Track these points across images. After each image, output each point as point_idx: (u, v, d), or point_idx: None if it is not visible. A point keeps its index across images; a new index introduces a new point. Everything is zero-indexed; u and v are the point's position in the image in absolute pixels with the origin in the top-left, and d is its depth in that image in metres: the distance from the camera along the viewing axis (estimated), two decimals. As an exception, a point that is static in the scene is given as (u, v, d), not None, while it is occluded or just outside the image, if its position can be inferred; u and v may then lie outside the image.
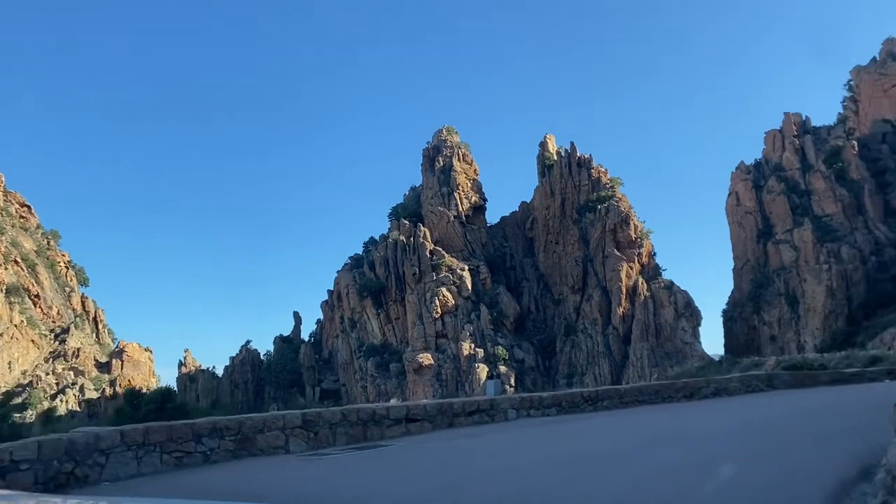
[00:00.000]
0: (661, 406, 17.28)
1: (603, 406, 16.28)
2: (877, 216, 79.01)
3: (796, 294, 77.69)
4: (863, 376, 21.22)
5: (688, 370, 74.59)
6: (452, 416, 12.68)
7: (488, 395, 15.04)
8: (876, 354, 55.14)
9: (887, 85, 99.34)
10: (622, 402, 16.79)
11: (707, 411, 15.98)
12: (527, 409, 14.27)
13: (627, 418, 14.54)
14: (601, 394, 16.39)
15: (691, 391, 18.39)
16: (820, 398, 17.40)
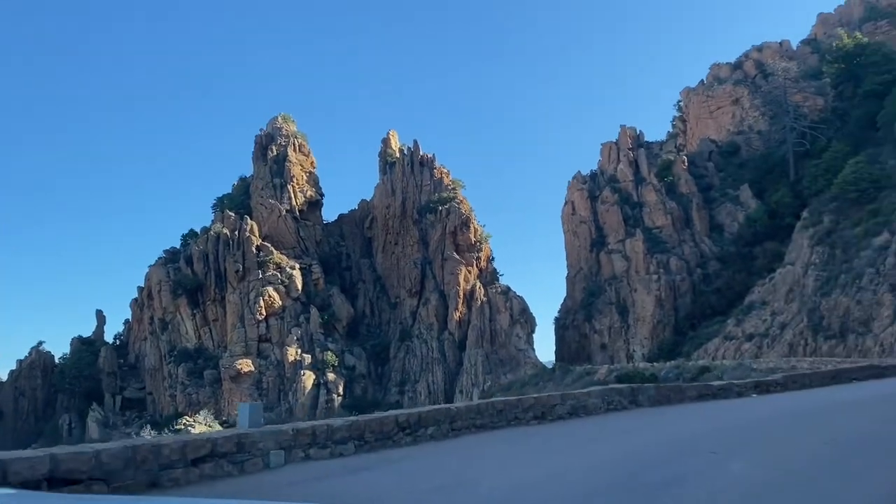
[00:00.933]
0: (507, 432, 12.61)
1: (426, 435, 11.31)
2: (703, 230, 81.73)
3: (627, 303, 78.44)
4: (730, 391, 17.85)
5: (521, 378, 72.82)
6: (157, 471, 7.10)
7: (240, 426, 9.27)
8: (705, 364, 55.43)
9: (713, 107, 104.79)
10: (453, 429, 11.91)
11: (568, 444, 11.43)
12: (304, 447, 8.94)
13: (460, 461, 9.62)
14: (425, 418, 11.40)
15: (543, 410, 13.88)
16: (700, 425, 13.50)
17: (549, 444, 11.41)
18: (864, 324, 53.14)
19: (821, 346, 55.13)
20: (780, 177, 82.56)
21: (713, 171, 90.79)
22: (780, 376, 20.52)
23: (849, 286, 56.01)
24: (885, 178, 63.40)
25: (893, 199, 59.68)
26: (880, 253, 55.72)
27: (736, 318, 66.71)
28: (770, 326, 62.08)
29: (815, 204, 69.34)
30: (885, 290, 52.62)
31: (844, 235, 62.13)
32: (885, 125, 70.17)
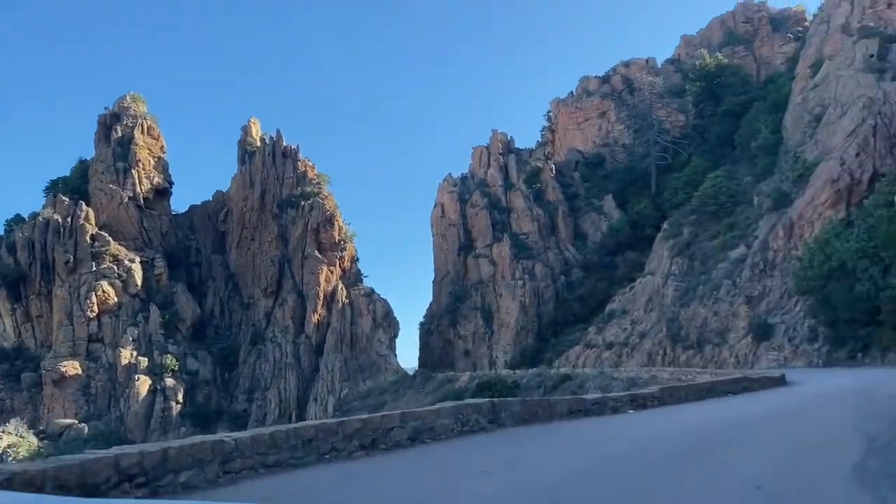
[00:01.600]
0: (311, 473, 8.70)
1: (176, 485, 7.22)
2: (567, 238, 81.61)
3: (492, 309, 76.73)
4: (605, 406, 14.94)
5: (380, 385, 69.00)
6: None
7: None
8: (567, 372, 54.02)
9: (581, 118, 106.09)
10: (227, 472, 7.88)
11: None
12: None
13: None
14: (175, 457, 7.31)
15: (373, 437, 10.09)
16: (579, 460, 10.21)
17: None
18: (720, 335, 53.72)
19: (679, 355, 55.31)
20: (642, 189, 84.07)
21: (579, 180, 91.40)
22: (658, 389, 17.89)
23: (706, 297, 56.66)
24: (741, 194, 65.27)
25: (749, 213, 61.31)
26: (737, 265, 56.79)
27: (597, 326, 66.42)
28: (630, 335, 62.02)
29: (676, 216, 70.59)
30: (741, 301, 53.45)
31: (703, 247, 63.25)
32: (742, 143, 72.70)
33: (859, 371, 36.67)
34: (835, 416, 14.57)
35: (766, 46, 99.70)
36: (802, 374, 33.65)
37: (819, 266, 45.49)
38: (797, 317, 49.35)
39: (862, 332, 42.94)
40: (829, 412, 15.54)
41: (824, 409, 16.21)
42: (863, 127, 51.65)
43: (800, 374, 34.83)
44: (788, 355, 47.58)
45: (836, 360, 44.79)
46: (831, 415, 14.98)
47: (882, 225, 42.10)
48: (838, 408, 16.30)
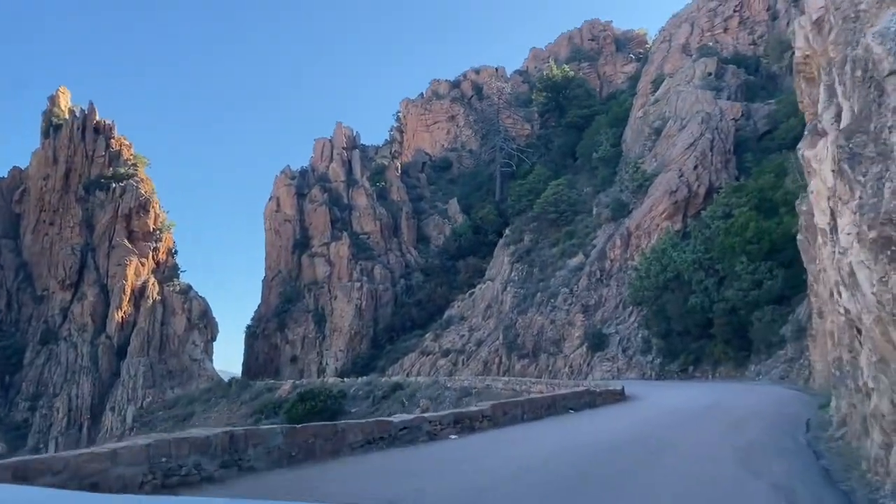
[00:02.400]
0: None
1: None
2: (410, 240, 78.15)
3: (325, 312, 71.42)
4: (419, 430, 11.01)
5: (190, 393, 61.51)
6: None
7: None
8: (398, 381, 49.98)
9: (430, 121, 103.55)
10: None
11: None
12: None
13: None
14: None
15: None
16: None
17: None
18: (556, 343, 52.10)
19: (514, 364, 53.12)
20: (487, 194, 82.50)
21: (425, 182, 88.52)
22: (489, 407, 13.98)
23: (544, 305, 55.01)
24: (581, 203, 64.78)
25: (588, 223, 60.71)
26: (575, 274, 55.67)
27: (434, 332, 63.23)
28: (467, 342, 59.29)
29: (518, 222, 69.18)
30: (578, 310, 52.18)
31: (543, 255, 61.94)
32: (584, 155, 72.73)
33: (694, 385, 35.55)
34: (707, 445, 11.29)
35: (610, 65, 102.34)
36: (639, 387, 31.70)
37: (655, 276, 44.74)
38: (631, 327, 48.60)
39: (694, 344, 42.47)
40: (697, 438, 12.31)
41: (688, 434, 12.98)
42: (701, 140, 52.21)
43: (636, 386, 32.95)
44: (622, 366, 46.54)
45: (668, 373, 44.14)
46: (702, 442, 11.73)
47: (718, 237, 41.86)
48: (704, 432, 13.18)
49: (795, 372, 31.90)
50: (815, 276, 22.16)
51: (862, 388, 9.14)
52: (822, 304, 22.07)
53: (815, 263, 22.02)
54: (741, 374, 38.95)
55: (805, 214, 21.88)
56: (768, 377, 34.86)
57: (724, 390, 26.32)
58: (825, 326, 24.25)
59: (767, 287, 37.50)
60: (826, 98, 13.22)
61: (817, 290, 22.77)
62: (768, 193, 41.40)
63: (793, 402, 19.58)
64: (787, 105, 54.20)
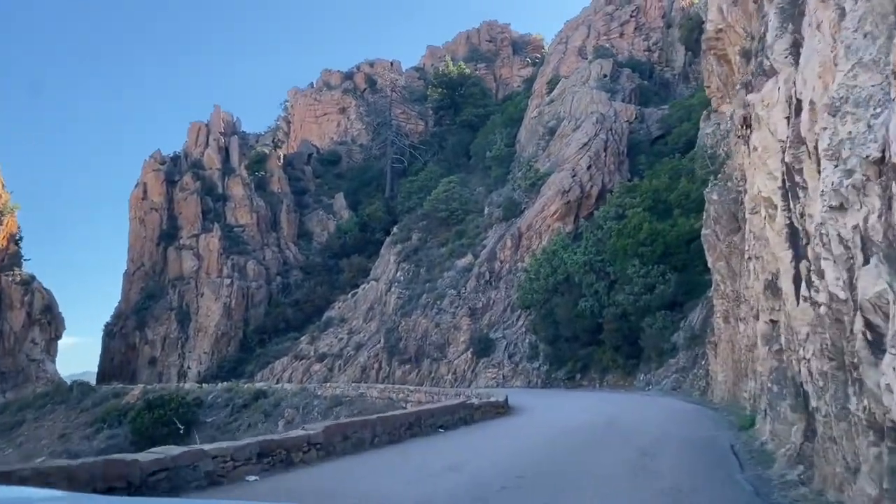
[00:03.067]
0: None
1: None
2: (290, 235, 72.86)
3: (190, 310, 64.93)
4: (194, 472, 5.79)
5: (23, 398, 53.66)
6: None
7: None
8: (262, 388, 44.90)
9: (319, 112, 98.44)
10: None
11: None
12: None
13: None
14: None
15: None
16: None
17: None
18: (439, 348, 48.64)
19: (395, 370, 49.22)
20: (376, 191, 78.47)
21: (310, 175, 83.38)
22: (320, 430, 10.05)
23: (429, 307, 51.47)
24: (473, 203, 61.89)
25: (479, 223, 57.85)
26: (463, 275, 52.49)
27: (311, 335, 58.38)
28: (345, 346, 54.87)
29: (406, 220, 65.52)
30: (464, 313, 48.94)
31: (431, 254, 58.51)
32: (477, 154, 70.08)
33: (582, 394, 32.90)
34: (617, 496, 7.78)
35: (507, 67, 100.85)
36: (524, 397, 28.60)
37: (544, 279, 42.14)
38: (519, 333, 45.86)
39: (583, 351, 40.07)
40: (599, 479, 8.80)
41: (587, 471, 9.47)
42: (595, 141, 50.37)
43: (521, 396, 29.85)
44: (508, 374, 43.63)
45: (555, 381, 41.59)
46: (608, 487, 8.22)
47: (610, 238, 39.70)
48: (606, 467, 9.72)
49: (689, 382, 29.73)
50: (726, 275, 19.56)
51: (859, 410, 5.88)
52: (732, 306, 19.50)
53: (725, 260, 19.42)
54: (630, 384, 36.79)
55: (717, 203, 19.23)
56: (659, 387, 32.67)
57: (617, 402, 23.53)
58: (730, 333, 21.82)
59: (660, 292, 35.49)
60: (778, 25, 10.25)
61: (725, 292, 20.21)
62: (662, 195, 39.67)
63: (700, 420, 16.71)
64: (681, 110, 53.50)
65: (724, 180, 18.99)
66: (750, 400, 16.46)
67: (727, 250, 18.85)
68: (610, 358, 37.88)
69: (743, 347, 18.02)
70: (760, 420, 12.34)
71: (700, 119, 45.63)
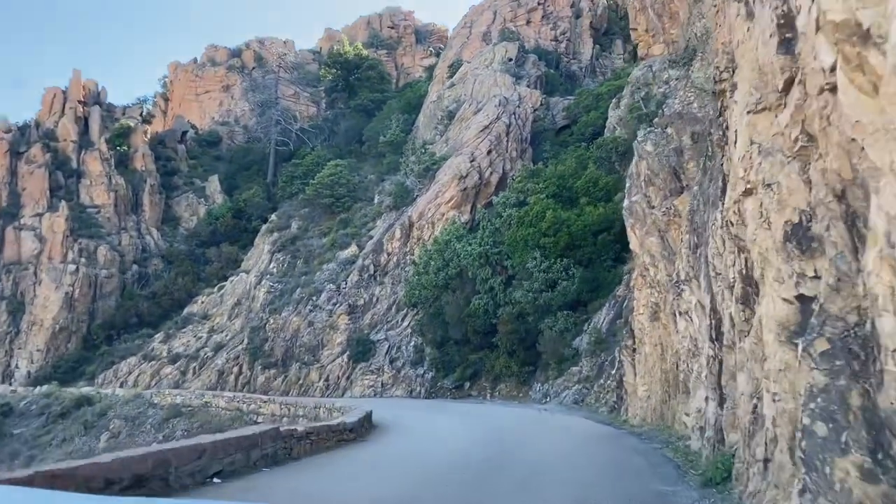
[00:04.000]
0: None
1: None
2: (153, 219, 64.38)
3: (25, 299, 55.56)
4: None
5: None
6: None
7: None
8: (87, 394, 37.32)
9: (201, 89, 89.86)
10: None
11: None
12: None
13: None
14: None
15: None
16: None
17: None
18: (311, 351, 42.37)
19: (258, 375, 42.48)
20: (257, 175, 71.05)
21: (183, 155, 74.89)
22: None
23: (303, 303, 45.12)
24: (362, 190, 55.97)
25: (368, 211, 52.04)
26: (345, 268, 46.49)
27: (167, 332, 50.61)
28: (203, 346, 47.59)
29: (286, 207, 58.77)
30: (343, 311, 42.93)
31: (310, 244, 52.10)
32: (371, 140, 64.23)
33: (469, 408, 27.65)
34: None
35: (409, 56, 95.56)
36: (400, 410, 23.14)
37: (434, 273, 36.95)
38: (403, 334, 40.29)
39: (474, 356, 34.98)
40: None
41: None
42: (497, 124, 45.64)
43: (397, 409, 24.37)
44: (388, 381, 37.97)
45: (440, 390, 36.27)
46: None
47: (509, 228, 34.91)
48: None
49: (594, 396, 25.04)
50: (659, 256, 14.63)
51: None
52: (666, 297, 14.60)
53: (659, 235, 14.49)
54: (525, 395, 31.97)
55: (651, 157, 14.28)
56: (558, 400, 27.90)
57: (510, 421, 18.35)
58: (659, 335, 17.03)
59: (562, 289, 30.90)
60: None
61: (656, 279, 15.30)
62: (568, 181, 35.22)
63: (628, 457, 11.52)
64: (588, 98, 49.72)
65: (661, 125, 14.03)
66: (695, 427, 11.51)
67: (664, 220, 13.90)
68: (503, 364, 32.93)
69: (682, 352, 13.10)
70: (750, 473, 7.21)
71: (608, 108, 41.92)
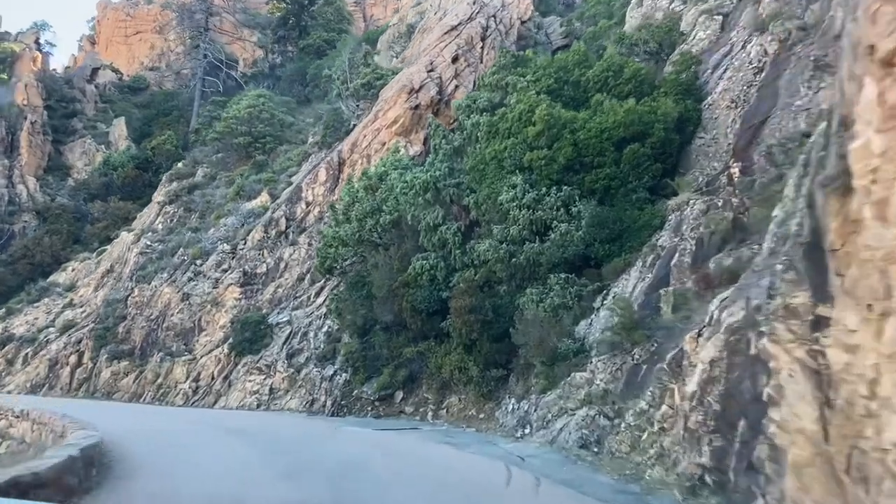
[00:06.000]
0: None
1: None
2: (31, 166, 50.62)
3: None
4: None
5: None
6: None
7: None
8: None
9: (130, 30, 76.07)
10: None
11: None
12: None
13: None
14: None
15: None
16: None
17: None
18: (183, 336, 28.87)
19: (103, 367, 28.93)
20: (177, 122, 57.35)
21: (93, 97, 61.07)
22: None
23: (182, 269, 31.64)
24: (293, 133, 42.74)
25: (292, 155, 38.66)
26: (248, 222, 33.09)
27: (9, 307, 37.07)
28: (49, 326, 33.92)
29: (197, 153, 45.45)
30: (235, 279, 29.45)
31: (212, 195, 38.61)
32: (316, 79, 50.93)
33: (379, 438, 14.35)
34: None
35: (379, 6, 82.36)
36: (204, 456, 9.67)
37: (359, 221, 23.63)
38: (313, 316, 26.76)
39: (410, 349, 21.31)
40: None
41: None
42: (469, 26, 32.28)
43: (213, 447, 11.03)
44: (280, 385, 24.43)
45: (358, 404, 22.73)
46: None
47: (476, 143, 21.60)
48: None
49: (624, 436, 11.68)
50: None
51: None
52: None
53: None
54: (488, 417, 18.46)
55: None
56: (547, 434, 14.49)
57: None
58: None
59: (559, 236, 17.63)
60: None
61: None
62: (573, 72, 21.74)
63: None
64: (599, 4, 36.46)
65: None
66: None
67: None
68: (457, 364, 19.28)
69: None
70: None
71: (628, 9, 28.96)
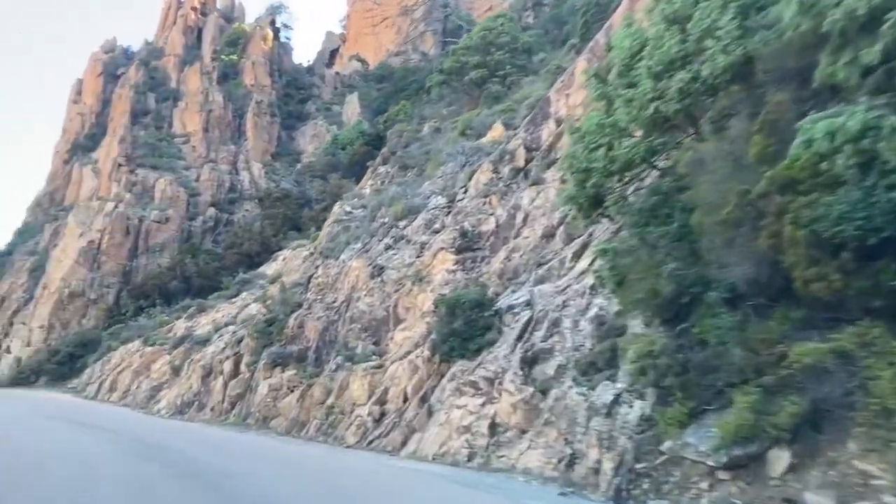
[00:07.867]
0: None
1: None
2: (258, 150, 45.56)
3: (47, 258, 38.80)
4: None
5: None
6: None
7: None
8: None
9: (377, 19, 71.06)
10: None
11: None
12: None
13: None
14: None
15: None
16: None
17: None
18: (371, 329, 18.32)
19: (259, 378, 19.43)
20: (416, 93, 49.19)
21: (331, 81, 55.59)
22: None
23: (380, 234, 21.32)
24: (540, 65, 31.06)
25: (540, 86, 26.95)
26: (471, 162, 21.80)
27: (200, 305, 30.17)
28: (228, 324, 25.85)
29: (425, 108, 35.88)
30: (449, 240, 18.12)
31: (428, 146, 28.21)
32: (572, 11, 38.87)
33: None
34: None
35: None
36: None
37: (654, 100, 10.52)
38: (574, 292, 14.41)
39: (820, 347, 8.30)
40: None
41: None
42: None
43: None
44: (511, 412, 12.47)
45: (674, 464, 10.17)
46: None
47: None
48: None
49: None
50: None
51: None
52: None
53: None
54: None
55: None
56: None
57: None
58: None
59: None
60: None
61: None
62: None
63: None
64: None
65: None
66: None
67: None
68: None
69: None
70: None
71: None
